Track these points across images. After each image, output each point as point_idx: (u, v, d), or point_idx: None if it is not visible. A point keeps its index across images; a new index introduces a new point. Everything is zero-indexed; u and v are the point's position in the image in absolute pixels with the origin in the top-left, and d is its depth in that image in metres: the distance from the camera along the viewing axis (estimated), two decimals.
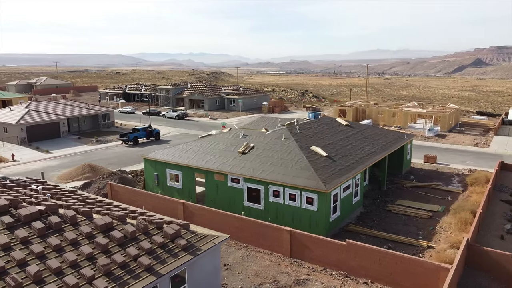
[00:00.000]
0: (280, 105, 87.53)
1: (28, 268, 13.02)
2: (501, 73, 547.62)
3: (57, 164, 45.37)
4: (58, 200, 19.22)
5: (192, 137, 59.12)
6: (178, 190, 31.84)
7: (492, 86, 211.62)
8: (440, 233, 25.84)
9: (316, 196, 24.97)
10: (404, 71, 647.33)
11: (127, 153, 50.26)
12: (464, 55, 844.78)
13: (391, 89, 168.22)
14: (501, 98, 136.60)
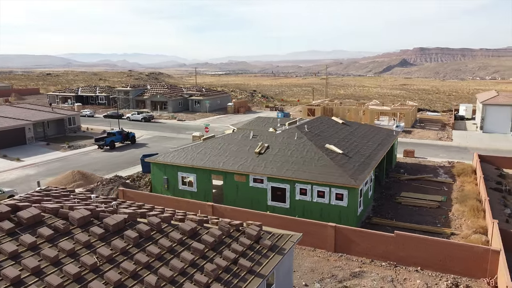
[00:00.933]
0: (244, 106, 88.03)
1: (148, 279, 12.54)
2: (424, 72, 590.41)
3: (36, 172, 42.38)
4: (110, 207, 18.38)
5: (167, 140, 57.95)
6: (192, 193, 31.30)
7: (418, 85, 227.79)
8: (455, 220, 27.97)
9: (347, 192, 25.94)
10: (338, 71, 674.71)
11: (107, 158, 48.08)
12: (391, 55, 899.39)
13: (330, 88, 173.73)
14: (431, 96, 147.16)
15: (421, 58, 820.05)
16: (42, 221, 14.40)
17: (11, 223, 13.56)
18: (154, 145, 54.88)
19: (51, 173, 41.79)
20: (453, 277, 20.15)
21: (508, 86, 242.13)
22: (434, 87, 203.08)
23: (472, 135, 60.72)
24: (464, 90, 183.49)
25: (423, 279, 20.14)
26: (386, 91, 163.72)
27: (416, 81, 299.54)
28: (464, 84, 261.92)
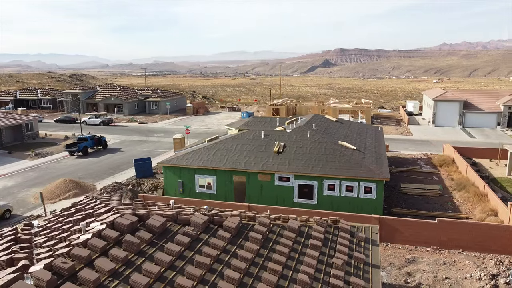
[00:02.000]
0: (202, 107, 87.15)
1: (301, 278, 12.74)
2: (345, 72, 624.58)
3: (14, 184, 38.73)
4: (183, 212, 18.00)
5: (139, 143, 55.84)
6: (211, 195, 30.90)
7: (342, 84, 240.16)
8: (461, 206, 30.77)
9: (375, 185, 27.45)
10: (265, 71, 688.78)
11: (85, 165, 45.22)
12: (314, 56, 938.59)
13: (261, 88, 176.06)
14: (357, 94, 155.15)
15: (342, 59, 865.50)
16: (168, 228, 13.92)
17: (148, 233, 12.99)
18: (128, 149, 52.59)
19: (33, 183, 38.48)
20: (495, 256, 22.43)
21: (421, 84, 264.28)
22: (357, 86, 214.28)
23: (427, 129, 66.16)
24: (384, 88, 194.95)
25: (470, 259, 22.15)
26: (315, 90, 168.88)
27: (340, 80, 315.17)
28: (383, 82, 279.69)
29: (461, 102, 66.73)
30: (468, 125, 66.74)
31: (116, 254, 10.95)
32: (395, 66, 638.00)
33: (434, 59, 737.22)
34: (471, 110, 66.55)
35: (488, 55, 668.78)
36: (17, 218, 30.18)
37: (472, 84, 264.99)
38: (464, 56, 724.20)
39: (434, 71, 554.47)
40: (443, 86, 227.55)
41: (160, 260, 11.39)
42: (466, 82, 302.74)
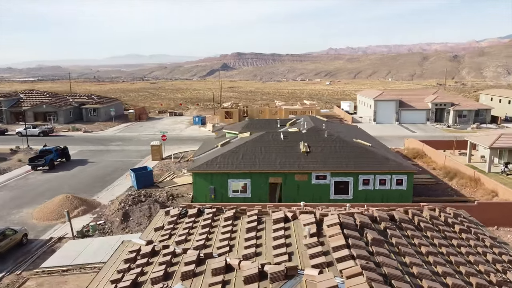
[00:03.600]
0: (144, 112, 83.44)
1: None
2: (243, 75, 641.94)
3: None
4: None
5: (103, 153, 52.22)
6: (246, 199, 30.75)
7: (245, 87, 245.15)
8: (461, 191, 35.12)
9: (406, 176, 30.15)
10: (163, 75, 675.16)
11: (61, 179, 40.96)
12: (212, 60, 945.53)
13: (166, 92, 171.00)
14: (265, 96, 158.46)
15: (239, 62, 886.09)
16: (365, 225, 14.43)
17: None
18: (98, 160, 48.68)
19: (17, 203, 33.92)
20: None
21: (316, 86, 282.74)
22: (258, 88, 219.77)
23: (370, 126, 72.35)
24: (285, 90, 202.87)
25: (510, 234, 25.86)
26: (219, 93, 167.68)
27: (241, 83, 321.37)
28: (282, 85, 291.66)
29: (397, 101, 74.39)
30: (403, 121, 74.63)
31: None
32: (290, 70, 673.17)
33: (323, 63, 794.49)
34: (405, 108, 74.57)
35: (368, 59, 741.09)
36: (35, 242, 26.60)
37: (359, 85, 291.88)
38: (349, 60, 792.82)
39: (324, 74, 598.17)
40: (336, 87, 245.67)
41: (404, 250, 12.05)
42: (354, 83, 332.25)
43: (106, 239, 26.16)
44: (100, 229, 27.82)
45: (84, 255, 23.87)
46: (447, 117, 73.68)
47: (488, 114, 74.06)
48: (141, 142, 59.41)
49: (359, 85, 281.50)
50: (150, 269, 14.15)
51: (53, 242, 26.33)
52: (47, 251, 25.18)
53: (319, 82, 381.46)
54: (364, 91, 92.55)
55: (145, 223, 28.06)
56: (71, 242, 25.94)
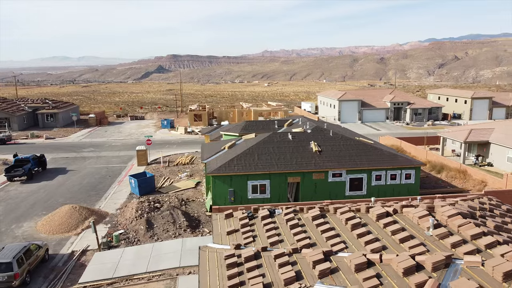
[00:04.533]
0: (104, 117, 79.73)
1: None
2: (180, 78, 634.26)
3: None
4: None
5: (79, 160, 49.73)
6: (264, 199, 30.94)
7: (185, 90, 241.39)
8: (451, 182, 38.00)
9: (414, 171, 32.12)
10: (95, 78, 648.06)
11: (48, 189, 38.28)
12: (147, 62, 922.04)
13: (102, 96, 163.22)
14: (210, 98, 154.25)
15: (175, 65, 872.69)
16: None
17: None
18: (78, 168, 45.99)
19: (11, 218, 31.11)
20: None
21: (255, 87, 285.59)
22: (198, 91, 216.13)
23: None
24: (225, 92, 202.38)
25: None
26: (160, 96, 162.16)
27: (179, 86, 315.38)
28: (221, 87, 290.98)
29: (359, 101, 78.10)
30: (365, 120, 78.53)
31: None
32: (227, 72, 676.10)
33: (260, 65, 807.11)
34: (366, 107, 78.52)
35: (302, 62, 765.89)
36: (56, 257, 24.79)
37: (296, 86, 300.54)
38: (284, 62, 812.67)
39: (261, 76, 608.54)
40: (274, 89, 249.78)
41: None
42: (291, 85, 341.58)
43: (138, 248, 25.06)
44: (123, 239, 26.54)
45: (124, 266, 22.75)
46: (404, 115, 78.71)
47: (439, 112, 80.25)
48: (115, 148, 56.90)
49: (297, 87, 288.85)
50: (267, 271, 14.14)
51: (78, 256, 24.71)
52: (76, 266, 23.62)
53: (257, 84, 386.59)
54: (325, 91, 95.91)
55: (172, 229, 27.23)
56: (99, 254, 24.53)
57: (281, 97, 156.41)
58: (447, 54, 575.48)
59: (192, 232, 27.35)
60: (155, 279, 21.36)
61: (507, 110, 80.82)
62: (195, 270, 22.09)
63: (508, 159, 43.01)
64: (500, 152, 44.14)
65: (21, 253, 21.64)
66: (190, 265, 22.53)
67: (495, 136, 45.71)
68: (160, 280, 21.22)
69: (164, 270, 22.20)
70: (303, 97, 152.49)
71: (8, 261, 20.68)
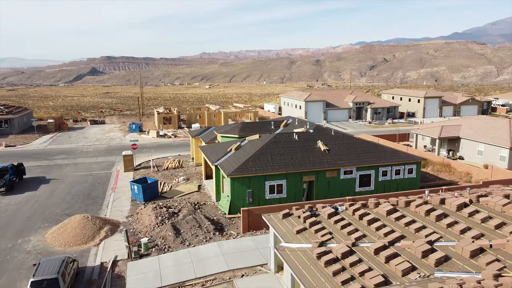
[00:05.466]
0: (63, 122, 75.19)
1: None
2: (116, 80, 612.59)
3: None
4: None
5: (51, 169, 46.68)
6: (281, 199, 31.33)
7: (122, 92, 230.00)
8: (438, 175, 40.84)
9: (415, 166, 34.25)
10: (21, 81, 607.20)
11: (38, 201, 35.70)
12: (79, 64, 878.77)
13: (33, 100, 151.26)
14: (151, 102, 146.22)
15: (110, 67, 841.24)
16: None
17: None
18: (58, 176, 43.25)
19: (12, 233, 28.66)
20: None
21: (196, 89, 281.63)
22: (137, 94, 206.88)
23: None
24: (166, 95, 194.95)
25: None
26: (98, 100, 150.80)
27: (117, 88, 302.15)
28: (161, 89, 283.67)
29: (324, 102, 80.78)
30: (330, 120, 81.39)
31: None
32: (165, 74, 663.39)
33: (199, 67, 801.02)
34: (330, 107, 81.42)
35: (241, 63, 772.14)
36: (86, 271, 23.39)
37: (238, 88, 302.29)
38: (223, 64, 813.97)
39: (201, 78, 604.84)
40: (216, 91, 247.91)
41: None
42: (232, 87, 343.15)
43: (173, 255, 24.34)
44: (152, 246, 25.61)
45: (169, 273, 22.06)
46: (365, 114, 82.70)
47: (396, 111, 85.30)
48: (89, 154, 54.07)
49: (238, 89, 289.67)
50: (372, 264, 14.70)
51: (111, 267, 23.50)
52: (113, 277, 22.48)
53: (198, 86, 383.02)
54: (289, 93, 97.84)
55: (200, 233, 26.73)
56: (134, 264, 23.54)
57: (224, 99, 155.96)
58: (377, 56, 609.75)
59: (221, 235, 27.05)
60: (209, 284, 20.98)
61: (454, 108, 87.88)
62: (246, 272, 22.01)
63: (478, 152, 47.05)
64: (470, 146, 48.14)
65: (63, 268, 20.24)
66: (239, 268, 22.39)
67: (464, 132, 49.77)
68: (216, 284, 20.89)
69: (214, 274, 21.86)
70: (246, 99, 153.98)
71: (54, 277, 19.27)
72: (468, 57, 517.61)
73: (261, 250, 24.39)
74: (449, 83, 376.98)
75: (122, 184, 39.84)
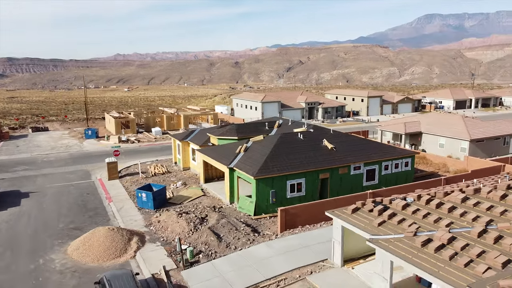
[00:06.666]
0: (1, 130, 67.97)
1: None
2: (20, 83, 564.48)
3: None
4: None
5: (19, 182, 42.95)
6: (300, 197, 32.08)
7: (30, 97, 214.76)
8: (417, 167, 44.47)
9: (411, 159, 37.19)
10: None
11: (27, 217, 32.44)
12: None
13: None
14: (69, 106, 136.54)
15: (11, 69, 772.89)
16: None
17: None
18: (34, 189, 39.52)
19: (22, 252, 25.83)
20: None
21: (115, 92, 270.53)
22: (48, 98, 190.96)
23: None
24: (80, 99, 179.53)
25: None
26: (3, 105, 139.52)
27: (23, 93, 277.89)
28: (75, 93, 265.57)
29: (279, 102, 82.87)
30: None
31: None
32: (77, 76, 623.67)
33: (114, 69, 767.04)
34: (285, 108, 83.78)
35: (159, 65, 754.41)
36: (142, 283, 22.06)
37: (159, 91, 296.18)
38: (140, 66, 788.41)
39: (117, 80, 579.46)
40: (137, 94, 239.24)
41: None
42: (152, 89, 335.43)
43: (226, 259, 23.88)
44: (196, 253, 24.84)
45: (235, 278, 21.72)
46: (317, 114, 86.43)
47: (344, 110, 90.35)
48: (54, 164, 49.84)
49: (160, 91, 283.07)
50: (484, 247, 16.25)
51: (168, 278, 22.41)
52: (175, 287, 21.55)
53: (116, 89, 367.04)
54: (240, 94, 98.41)
55: (241, 236, 26.49)
56: (189, 272, 22.72)
57: (146, 102, 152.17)
58: (292, 59, 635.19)
59: (259, 235, 27.06)
60: (282, 284, 21.09)
61: (393, 106, 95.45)
62: (311, 269, 22.41)
63: (440, 145, 52.08)
64: (432, 140, 53.09)
65: (138, 283, 19.02)
66: (303, 265, 22.74)
67: (425, 127, 54.72)
68: (290, 284, 21.06)
69: (283, 274, 21.98)
70: (170, 102, 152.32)
71: None
72: (374, 59, 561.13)
73: (312, 247, 24.94)
74: (359, 83, 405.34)
75: (116, 193, 37.58)
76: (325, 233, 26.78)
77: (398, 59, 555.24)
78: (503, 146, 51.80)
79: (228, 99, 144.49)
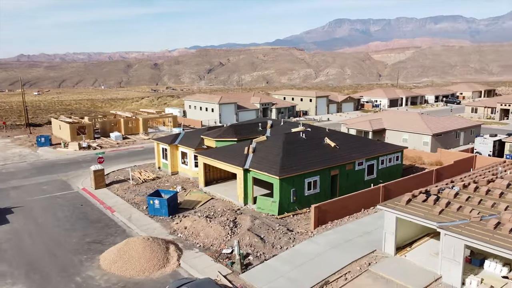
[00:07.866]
0: None
1: None
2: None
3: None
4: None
5: (8, 190, 38.31)
6: (315, 195, 32.99)
7: None
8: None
9: (400, 153, 40.05)
10: None
11: (25, 235, 29.40)
12: None
13: None
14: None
15: None
16: None
17: None
18: (17, 203, 35.66)
19: (49, 269, 23.45)
20: None
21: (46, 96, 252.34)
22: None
23: None
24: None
25: None
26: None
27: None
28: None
29: (235, 104, 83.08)
30: (241, 120, 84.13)
31: None
32: None
33: (18, 71, 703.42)
34: (241, 109, 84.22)
35: (71, 67, 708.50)
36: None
37: (74, 94, 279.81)
38: (49, 68, 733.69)
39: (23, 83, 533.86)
40: (49, 98, 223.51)
41: None
42: (66, 92, 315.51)
43: (278, 258, 23.96)
44: (244, 256, 24.55)
45: (299, 275, 22.01)
46: (271, 114, 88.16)
47: (295, 110, 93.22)
48: (17, 175, 45.16)
49: (75, 94, 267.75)
50: None
51: (231, 283, 21.95)
52: None
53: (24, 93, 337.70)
54: (193, 96, 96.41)
55: (282, 236, 26.65)
56: (249, 275, 22.49)
57: (62, 106, 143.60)
58: (213, 60, 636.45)
59: (295, 234, 27.46)
60: (349, 276, 21.81)
61: (337, 106, 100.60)
62: (367, 260, 23.41)
63: (403, 140, 56.43)
64: (395, 135, 57.31)
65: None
66: (358, 258, 23.65)
67: (387, 124, 58.88)
68: (358, 275, 21.84)
69: (345, 267, 22.70)
70: (89, 105, 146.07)
71: None
72: (291, 61, 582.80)
73: (353, 241, 25.98)
74: (279, 85, 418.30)
75: (113, 202, 35.31)
76: (356, 228, 28.06)
77: (313, 61, 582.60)
78: (456, 139, 57.67)
79: (157, 101, 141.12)
